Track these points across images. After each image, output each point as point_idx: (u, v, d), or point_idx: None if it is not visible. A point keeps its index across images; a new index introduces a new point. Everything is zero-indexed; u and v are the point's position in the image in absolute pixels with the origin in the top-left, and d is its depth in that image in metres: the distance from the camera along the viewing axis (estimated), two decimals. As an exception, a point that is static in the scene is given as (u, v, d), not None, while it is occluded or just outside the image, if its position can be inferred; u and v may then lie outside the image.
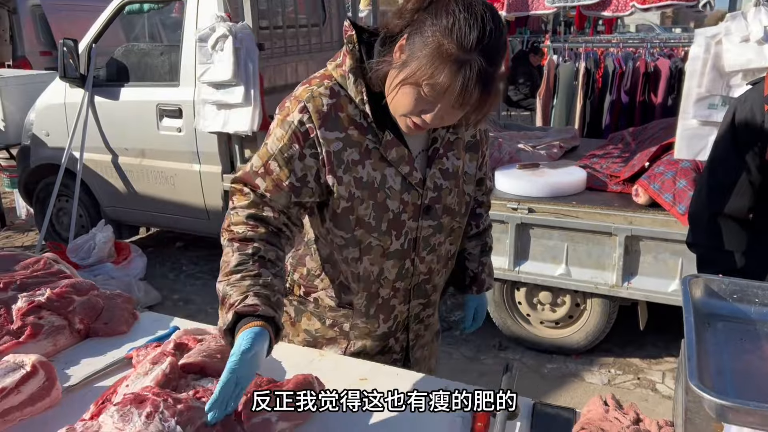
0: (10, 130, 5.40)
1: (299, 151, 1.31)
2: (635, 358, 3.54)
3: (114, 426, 1.03)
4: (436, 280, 1.53)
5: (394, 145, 1.34)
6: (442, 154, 1.41)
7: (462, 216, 1.50)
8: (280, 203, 1.33)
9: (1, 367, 1.27)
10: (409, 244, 1.42)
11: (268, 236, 1.30)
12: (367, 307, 1.49)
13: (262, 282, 1.21)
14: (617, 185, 3.42)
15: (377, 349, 1.55)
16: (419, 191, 1.39)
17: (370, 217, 1.36)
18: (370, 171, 1.34)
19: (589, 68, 5.67)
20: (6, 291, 1.55)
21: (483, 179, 1.66)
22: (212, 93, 3.99)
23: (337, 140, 1.31)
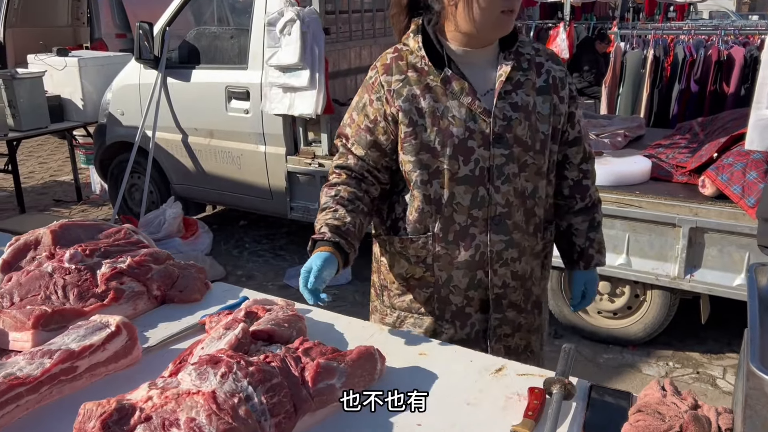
0: (88, 108, 5.66)
1: (369, 98, 1.58)
2: (695, 352, 3.47)
3: (192, 383, 1.11)
4: (516, 217, 1.57)
5: (454, 79, 1.51)
6: (510, 90, 1.53)
7: (536, 152, 1.55)
8: (361, 146, 1.59)
9: (89, 326, 1.37)
10: (481, 171, 1.52)
11: (349, 180, 1.59)
12: (444, 231, 1.57)
13: (337, 216, 1.52)
14: (683, 176, 3.34)
15: (467, 281, 1.60)
16: (486, 120, 1.50)
17: (434, 143, 1.51)
18: (431, 102, 1.51)
19: (657, 56, 5.51)
20: (91, 257, 1.67)
21: (579, 139, 1.67)
22: (279, 76, 4.09)
23: (398, 81, 1.54)
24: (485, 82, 1.55)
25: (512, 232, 1.58)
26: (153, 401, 1.08)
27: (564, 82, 1.61)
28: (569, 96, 1.62)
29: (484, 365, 1.38)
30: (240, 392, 1.09)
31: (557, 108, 1.59)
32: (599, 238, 1.74)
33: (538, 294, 1.71)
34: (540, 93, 1.56)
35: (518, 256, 1.61)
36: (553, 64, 1.60)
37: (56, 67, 5.64)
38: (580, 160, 1.70)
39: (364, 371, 1.27)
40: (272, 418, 1.09)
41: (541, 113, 1.56)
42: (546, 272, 1.75)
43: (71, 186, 6.39)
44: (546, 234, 1.68)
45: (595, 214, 1.74)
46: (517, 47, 1.58)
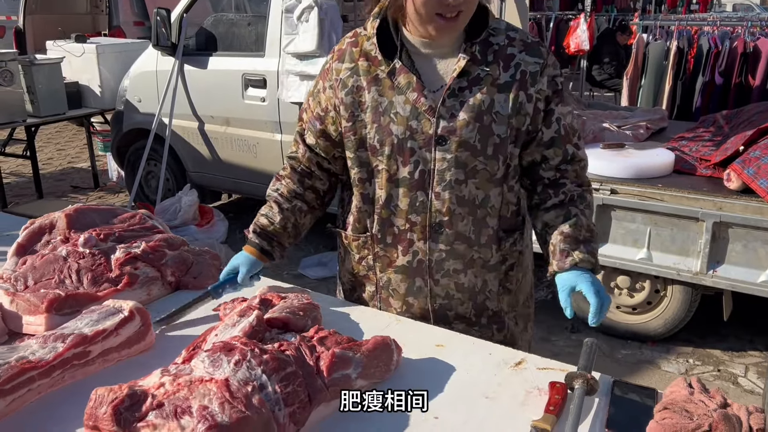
0: (106, 95, 5.68)
1: (322, 85, 1.51)
2: (716, 349, 3.40)
3: (205, 370, 1.09)
4: (460, 227, 1.45)
5: (403, 72, 1.41)
6: (465, 88, 1.40)
7: (487, 158, 1.41)
8: (312, 134, 1.54)
9: (102, 311, 1.36)
10: (421, 175, 1.43)
11: (293, 175, 1.60)
12: (382, 233, 1.50)
13: (270, 214, 1.59)
14: (707, 169, 3.27)
15: (405, 286, 1.52)
16: (430, 119, 1.39)
17: (374, 140, 1.43)
18: (375, 96, 1.43)
19: (681, 47, 5.40)
20: (105, 242, 1.65)
21: (556, 140, 1.46)
22: (296, 64, 4.06)
23: (347, 69, 1.46)
24: (439, 76, 1.43)
25: (453, 243, 1.46)
26: (165, 388, 1.06)
27: (536, 77, 1.41)
28: (548, 92, 1.43)
29: (503, 358, 1.34)
30: (254, 380, 1.07)
31: (523, 107, 1.41)
32: (576, 234, 1.42)
33: (497, 308, 1.55)
34: (502, 90, 1.40)
35: (463, 268, 1.49)
36: (527, 55, 1.42)
37: (74, 53, 5.65)
38: (559, 162, 1.47)
39: (380, 362, 1.24)
40: (286, 408, 1.07)
41: (499, 113, 1.40)
42: (511, 284, 1.57)
43: (88, 173, 6.42)
44: (504, 245, 1.51)
45: (571, 208, 1.44)
46: (488, 36, 1.42)
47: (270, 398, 1.06)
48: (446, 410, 1.17)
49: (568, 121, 1.48)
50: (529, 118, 1.43)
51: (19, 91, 5.09)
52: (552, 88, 1.45)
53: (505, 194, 1.48)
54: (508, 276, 1.56)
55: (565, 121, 1.47)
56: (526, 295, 1.66)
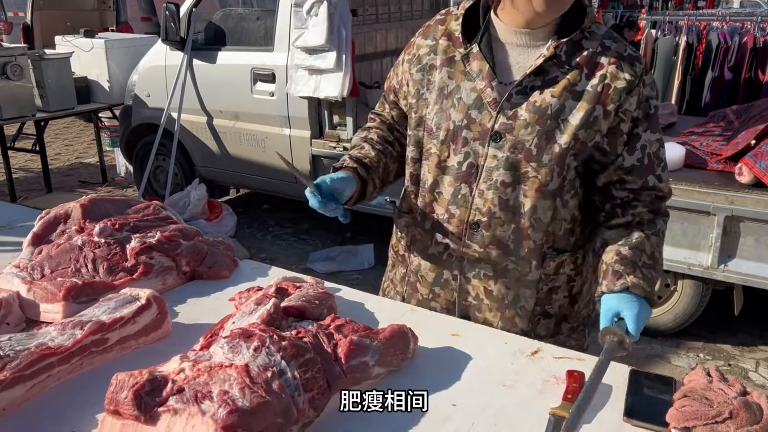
0: (114, 90, 5.70)
1: (402, 58, 1.50)
2: (727, 344, 3.39)
3: (224, 356, 1.09)
4: (498, 232, 1.37)
5: (478, 58, 1.35)
6: (538, 86, 1.32)
7: (541, 165, 1.32)
8: (387, 102, 1.57)
9: (119, 298, 1.36)
10: (469, 167, 1.37)
11: (380, 125, 1.58)
12: (423, 216, 1.47)
13: (362, 152, 1.51)
14: (718, 163, 3.26)
15: (433, 276, 1.49)
16: (491, 113, 1.33)
17: (431, 122, 1.40)
18: (444, 77, 1.38)
19: (690, 42, 5.38)
20: (120, 231, 1.66)
21: (637, 169, 1.34)
22: (305, 58, 4.06)
23: (427, 46, 1.43)
24: (515, 70, 1.35)
25: (488, 246, 1.39)
26: (185, 373, 1.06)
27: (622, 95, 1.29)
28: (636, 114, 1.31)
29: (520, 347, 1.34)
30: (273, 366, 1.07)
31: (597, 122, 1.30)
32: (635, 258, 1.31)
33: (527, 329, 1.46)
34: (577, 98, 1.30)
35: (494, 275, 1.42)
36: (617, 69, 1.30)
37: (83, 48, 5.67)
38: (638, 187, 1.36)
39: (396, 350, 1.24)
40: (305, 394, 1.07)
41: (567, 121, 1.30)
42: (552, 308, 1.47)
43: (97, 168, 6.44)
44: (549, 264, 1.41)
45: (637, 231, 1.34)
46: (581, 38, 1.32)
47: (290, 384, 1.06)
48: (464, 398, 1.17)
49: (653, 149, 1.35)
50: (600, 136, 1.32)
51: (28, 85, 5.11)
52: (643, 111, 1.33)
53: (558, 209, 1.37)
54: (550, 298, 1.45)
55: (650, 149, 1.34)
56: (574, 326, 1.51)
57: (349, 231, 4.81)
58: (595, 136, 1.32)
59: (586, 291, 1.52)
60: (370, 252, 4.24)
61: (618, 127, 1.32)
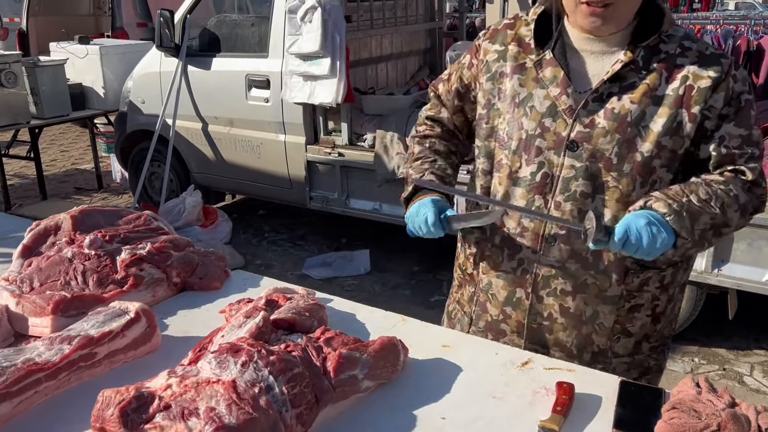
0: (109, 96, 5.69)
1: (469, 61, 1.45)
2: (721, 348, 3.39)
3: (212, 371, 1.09)
4: (577, 245, 1.31)
5: (551, 65, 1.32)
6: (615, 93, 1.27)
7: (623, 175, 1.25)
8: (447, 108, 1.50)
9: (108, 312, 1.36)
10: (543, 178, 1.31)
11: (443, 134, 1.50)
12: (492, 231, 1.41)
13: (437, 166, 1.43)
14: (712, 168, 3.26)
15: (505, 294, 1.42)
16: (567, 121, 1.28)
17: (503, 132, 1.35)
18: (515, 85, 1.34)
19: (685, 46, 5.38)
20: (111, 243, 1.65)
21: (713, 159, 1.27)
22: (299, 64, 4.06)
23: (495, 52, 1.40)
24: (591, 77, 1.30)
25: (566, 260, 1.33)
26: (172, 389, 1.06)
27: (707, 94, 1.23)
28: (723, 111, 1.25)
29: (510, 358, 1.34)
30: (261, 382, 1.07)
31: (681, 126, 1.24)
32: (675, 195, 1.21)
33: (604, 347, 1.39)
34: (658, 103, 1.25)
35: (572, 291, 1.35)
36: (700, 68, 1.24)
37: (78, 54, 5.66)
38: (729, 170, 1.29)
39: (387, 362, 1.24)
40: (293, 409, 1.07)
41: (648, 128, 1.24)
42: (633, 327, 1.39)
43: (92, 174, 6.43)
44: (633, 280, 1.34)
45: (701, 181, 1.24)
46: (658, 42, 1.27)
47: (277, 399, 1.06)
48: (453, 410, 1.17)
49: (732, 144, 1.27)
50: (688, 140, 1.26)
51: (22, 92, 5.11)
52: (734, 107, 1.26)
53: None
54: (632, 317, 1.38)
55: (728, 142, 1.27)
56: (654, 346, 1.45)
57: (344, 237, 4.81)
58: (684, 143, 1.26)
59: (671, 311, 1.44)
60: (366, 258, 4.24)
61: (702, 125, 1.26)
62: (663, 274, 1.37)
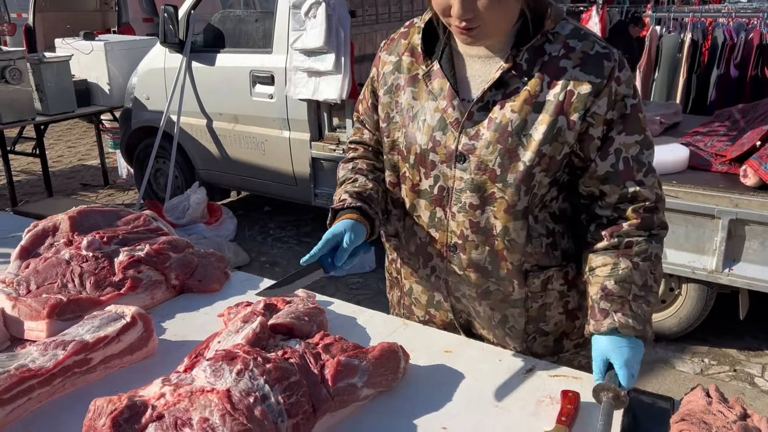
0: (115, 92, 5.67)
1: (375, 73, 1.43)
2: (732, 348, 3.34)
3: (206, 380, 1.06)
4: (474, 255, 1.30)
5: (439, 76, 1.29)
6: (499, 100, 1.23)
7: (508, 185, 1.23)
8: (370, 124, 1.48)
9: (104, 316, 1.33)
10: (440, 190, 1.31)
11: (366, 153, 1.49)
12: (407, 239, 1.42)
13: (357, 184, 1.39)
14: (723, 165, 3.21)
15: (426, 298, 1.46)
16: (454, 133, 1.26)
17: (402, 145, 1.35)
18: (409, 99, 1.33)
19: (696, 39, 5.32)
20: (109, 245, 1.63)
21: (613, 176, 1.23)
22: (304, 60, 4.03)
23: (390, 63, 1.38)
24: (477, 83, 1.27)
25: (466, 269, 1.33)
26: (166, 398, 1.03)
27: (587, 100, 1.18)
28: (608, 116, 1.20)
29: (514, 365, 1.31)
30: (256, 391, 1.04)
31: (561, 133, 1.20)
32: (623, 292, 1.19)
33: (521, 348, 1.40)
34: (538, 110, 1.20)
35: (477, 297, 1.36)
36: (581, 72, 1.19)
37: (83, 51, 5.65)
38: (616, 200, 1.25)
39: (387, 370, 1.21)
40: (289, 419, 1.04)
41: (530, 136, 1.20)
42: (547, 326, 1.39)
43: (98, 170, 6.43)
44: (533, 281, 1.33)
45: (623, 259, 1.22)
46: (543, 42, 1.21)
47: (273, 409, 1.03)
48: (454, 420, 1.14)
49: (631, 153, 1.22)
50: (567, 147, 1.23)
51: (28, 89, 5.09)
52: (618, 112, 1.21)
53: (533, 227, 1.29)
54: (543, 315, 1.38)
55: (626, 153, 1.22)
56: (579, 343, 1.43)
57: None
58: (563, 149, 1.23)
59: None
60: (371, 255, 4.21)
61: (587, 132, 1.22)
62: (565, 270, 1.36)
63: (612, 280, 1.21)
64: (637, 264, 1.22)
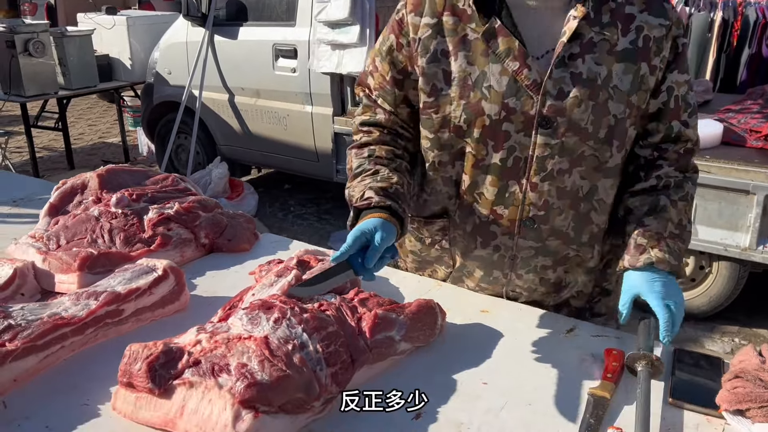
0: (136, 68, 5.67)
1: (396, 41, 1.26)
2: (763, 329, 3.28)
3: (243, 327, 1.04)
4: (557, 222, 1.25)
5: (503, 34, 1.16)
6: (577, 55, 1.15)
7: (601, 142, 1.19)
8: (388, 102, 1.30)
9: (136, 269, 1.31)
10: (515, 162, 1.20)
11: (382, 137, 1.30)
12: (463, 218, 1.30)
13: (379, 177, 1.22)
14: (758, 141, 3.12)
15: (481, 274, 1.36)
16: (533, 97, 1.15)
17: (459, 120, 1.20)
18: (463, 65, 1.18)
19: (726, 18, 5.18)
20: (138, 202, 1.61)
21: (662, 113, 1.22)
22: (327, 33, 3.98)
23: (426, 26, 1.21)
24: (546, 38, 1.17)
25: (547, 239, 1.27)
26: (202, 345, 1.01)
27: (662, 44, 1.17)
28: (669, 57, 1.20)
29: (554, 325, 1.27)
30: (294, 339, 1.01)
31: (644, 81, 1.18)
32: (660, 228, 1.18)
33: (581, 307, 1.39)
34: (621, 59, 1.16)
35: (552, 265, 1.31)
36: (649, 15, 1.17)
37: (105, 25, 5.64)
38: (660, 139, 1.24)
39: (424, 325, 1.18)
40: (328, 368, 1.01)
41: (617, 88, 1.16)
42: (609, 284, 1.39)
43: (119, 147, 6.45)
44: (607, 245, 1.33)
45: (662, 197, 1.21)
46: None
47: (311, 357, 1.00)
48: (495, 376, 1.10)
49: (681, 92, 1.22)
50: (649, 94, 1.20)
51: (51, 63, 5.10)
52: (674, 52, 1.20)
53: (617, 188, 1.27)
54: (605, 274, 1.37)
55: (677, 91, 1.22)
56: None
57: (371, 211, 4.74)
58: (647, 96, 1.20)
59: None
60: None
61: (658, 78, 1.21)
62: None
63: (651, 218, 1.20)
64: (675, 203, 1.22)
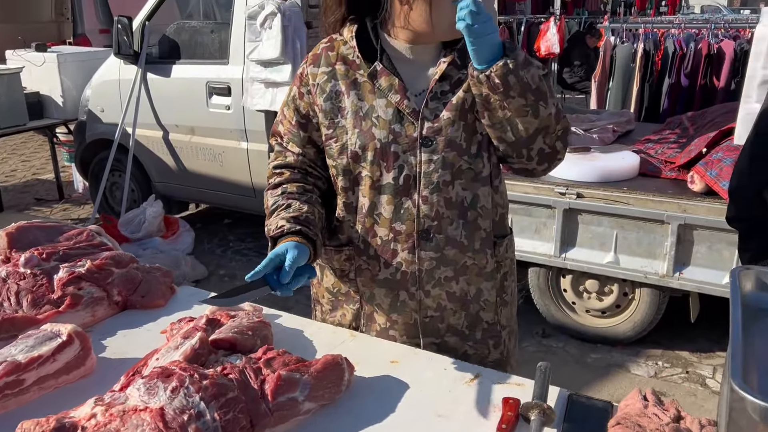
0: (68, 105, 5.56)
1: (298, 91, 1.46)
2: (684, 351, 3.41)
3: (140, 398, 1.04)
4: (450, 232, 1.40)
5: (385, 74, 1.38)
6: (447, 92, 1.38)
7: (473, 156, 1.39)
8: (296, 144, 1.47)
9: (39, 335, 1.29)
10: (406, 179, 1.38)
11: (293, 176, 1.46)
12: (365, 244, 1.43)
13: (291, 209, 1.38)
14: (672, 171, 3.28)
15: (389, 301, 1.45)
16: (414, 123, 1.36)
17: (355, 146, 1.39)
18: (355, 101, 1.39)
19: (648, 50, 5.44)
20: (48, 261, 1.58)
21: None
22: (260, 71, 4.00)
23: (323, 74, 1.42)
24: (421, 80, 1.40)
25: (444, 248, 1.41)
26: (96, 419, 1.00)
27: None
28: None
29: (459, 373, 1.31)
30: (191, 408, 1.02)
31: None
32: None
33: (492, 321, 1.50)
34: None
35: (454, 275, 1.43)
36: None
37: (35, 63, 5.53)
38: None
39: (329, 383, 1.20)
40: (226, 436, 1.02)
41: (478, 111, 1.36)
42: (507, 295, 1.54)
43: (53, 184, 6.28)
44: (499, 250, 1.48)
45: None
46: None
47: (208, 427, 1.01)
48: (397, 429, 1.13)
49: None
50: None
51: (-23, 102, 4.96)
52: None
53: (494, 196, 1.45)
54: (504, 286, 1.52)
55: None
56: (516, 308, 1.61)
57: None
58: None
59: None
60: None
61: None
62: (510, 236, 1.55)
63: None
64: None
